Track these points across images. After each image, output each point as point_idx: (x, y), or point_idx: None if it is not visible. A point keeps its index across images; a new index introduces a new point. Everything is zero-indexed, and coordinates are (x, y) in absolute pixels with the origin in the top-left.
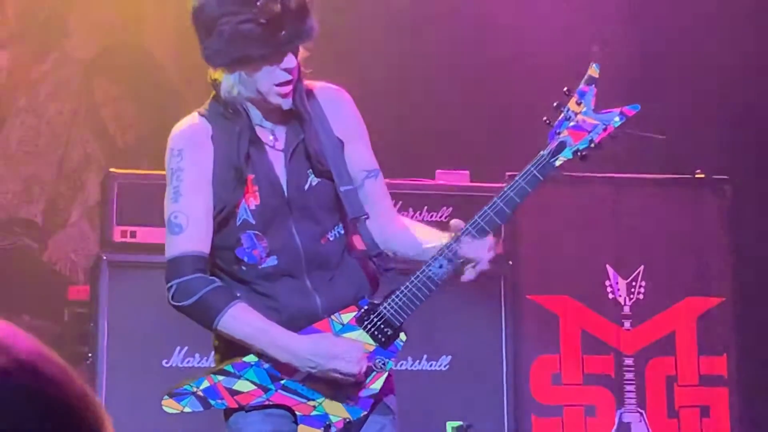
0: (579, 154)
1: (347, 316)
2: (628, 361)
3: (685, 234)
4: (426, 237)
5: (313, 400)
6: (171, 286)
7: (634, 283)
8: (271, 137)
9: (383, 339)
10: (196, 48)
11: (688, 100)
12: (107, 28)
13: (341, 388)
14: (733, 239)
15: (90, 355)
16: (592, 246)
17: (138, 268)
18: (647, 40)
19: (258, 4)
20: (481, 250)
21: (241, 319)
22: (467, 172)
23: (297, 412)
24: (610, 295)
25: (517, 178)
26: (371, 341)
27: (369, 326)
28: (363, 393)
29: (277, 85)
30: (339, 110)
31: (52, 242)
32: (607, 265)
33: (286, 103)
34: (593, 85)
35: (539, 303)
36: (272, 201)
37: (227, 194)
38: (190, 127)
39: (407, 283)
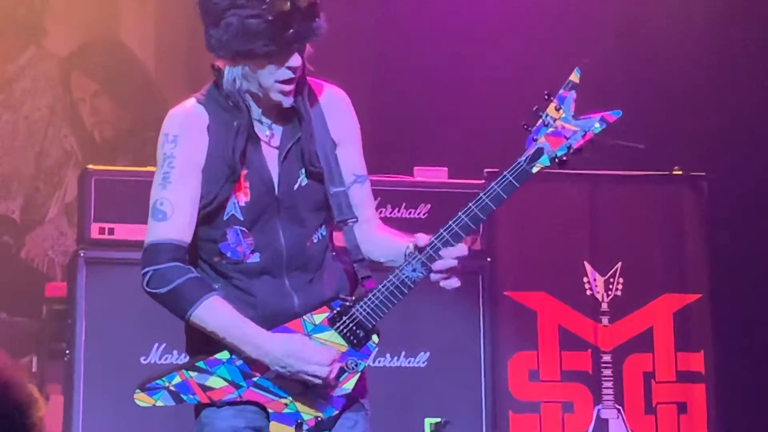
0: (557, 160)
1: (319, 317)
2: (606, 358)
3: (662, 230)
4: (403, 241)
5: (285, 397)
6: (147, 272)
7: (611, 280)
8: (267, 133)
9: (355, 341)
10: (175, 44)
11: (665, 97)
12: (85, 23)
13: (313, 387)
14: (710, 236)
15: (68, 351)
16: (570, 242)
17: (115, 264)
18: (625, 40)
19: (267, 0)
20: (451, 259)
21: (215, 312)
22: (445, 168)
23: (269, 410)
24: (588, 292)
25: (492, 184)
26: (343, 342)
27: (341, 327)
28: (335, 392)
29: (279, 83)
30: (337, 112)
31: (30, 239)
32: (585, 262)
33: (287, 101)
34: (574, 91)
35: (517, 299)
36: (262, 199)
37: (217, 188)
38: (187, 114)
39: (380, 286)
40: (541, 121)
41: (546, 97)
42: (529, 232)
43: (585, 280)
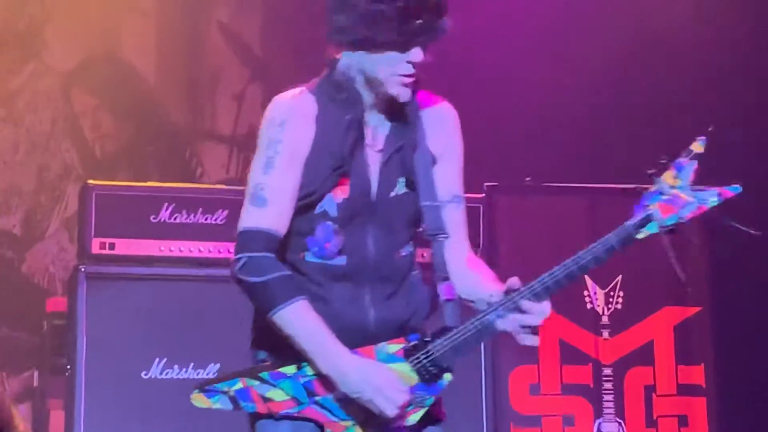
0: (665, 229)
1: (393, 347)
2: (607, 371)
3: (661, 243)
4: (491, 286)
5: (346, 420)
6: (240, 258)
7: (611, 293)
8: (371, 135)
9: (427, 376)
10: (175, 59)
11: (662, 108)
12: (86, 38)
13: (376, 415)
14: (709, 248)
15: (69, 366)
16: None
17: (116, 279)
18: (621, 56)
19: None
20: (537, 315)
21: (301, 318)
22: None
23: (327, 430)
24: (588, 305)
25: (595, 244)
26: (415, 375)
27: (414, 362)
28: (398, 423)
29: (398, 76)
30: (442, 126)
31: (31, 254)
32: (585, 275)
33: (405, 95)
34: (694, 161)
35: None
36: (359, 200)
37: (319, 181)
38: (298, 101)
39: (461, 327)
40: (656, 187)
41: (663, 162)
42: (530, 245)
43: (585, 293)
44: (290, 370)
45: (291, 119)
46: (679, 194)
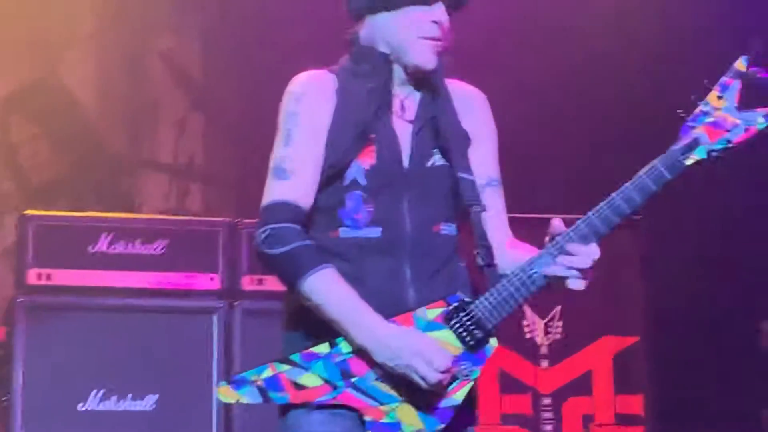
0: (714, 154)
1: (433, 312)
2: (546, 401)
3: (601, 273)
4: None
5: (386, 404)
6: (264, 231)
7: (551, 323)
8: (400, 106)
9: (472, 342)
10: (116, 88)
11: (600, 138)
12: (25, 65)
13: (419, 394)
14: (647, 278)
15: (5, 398)
16: None
17: (54, 310)
18: (561, 78)
19: None
20: (585, 257)
21: (329, 284)
22: None
23: (366, 417)
24: (528, 335)
25: (640, 174)
26: (458, 343)
27: (457, 326)
28: (443, 403)
29: (423, 38)
30: (472, 107)
31: None
32: (524, 305)
33: (430, 61)
34: (739, 80)
35: None
36: (388, 167)
37: (342, 149)
38: (316, 76)
39: (504, 281)
40: (699, 108)
41: (706, 84)
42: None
43: (525, 323)
44: (323, 349)
45: (308, 92)
46: (725, 116)
